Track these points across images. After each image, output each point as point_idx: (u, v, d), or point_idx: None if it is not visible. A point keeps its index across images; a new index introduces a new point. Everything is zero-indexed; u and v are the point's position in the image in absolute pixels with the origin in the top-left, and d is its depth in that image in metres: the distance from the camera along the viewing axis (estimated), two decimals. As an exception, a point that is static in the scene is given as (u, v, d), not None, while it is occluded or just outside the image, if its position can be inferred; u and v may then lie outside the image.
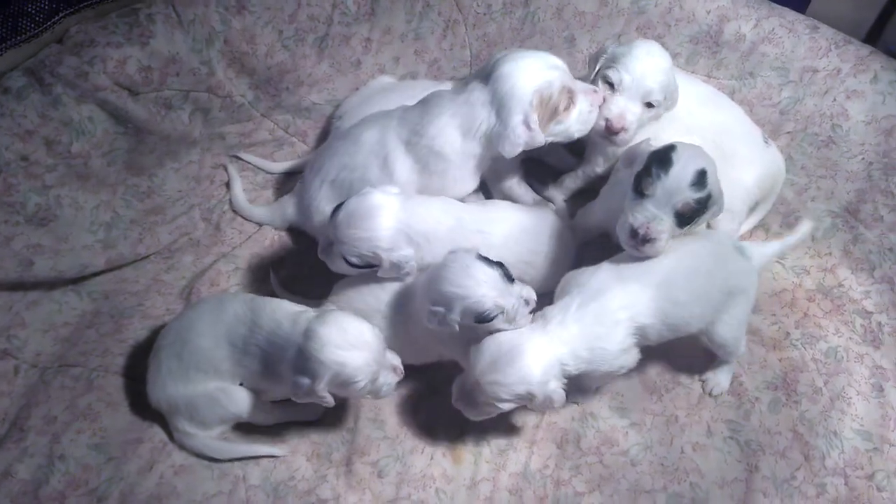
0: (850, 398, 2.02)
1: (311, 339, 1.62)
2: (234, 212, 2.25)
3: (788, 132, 2.21)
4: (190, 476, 1.81)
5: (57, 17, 1.91)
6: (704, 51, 2.22)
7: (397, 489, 1.84)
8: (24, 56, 1.91)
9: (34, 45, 1.92)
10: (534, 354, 1.67)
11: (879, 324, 2.13)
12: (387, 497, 1.83)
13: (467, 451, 1.92)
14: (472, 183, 2.00)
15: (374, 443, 1.90)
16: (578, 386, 1.87)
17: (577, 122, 1.93)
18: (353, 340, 1.63)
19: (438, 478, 1.86)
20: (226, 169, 2.27)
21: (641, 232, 1.68)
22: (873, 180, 2.14)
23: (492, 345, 1.70)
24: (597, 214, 2.04)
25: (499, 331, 1.74)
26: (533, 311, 1.75)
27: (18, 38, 1.86)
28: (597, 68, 1.98)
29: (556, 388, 1.68)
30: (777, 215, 2.29)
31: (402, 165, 1.96)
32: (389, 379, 1.72)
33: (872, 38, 2.16)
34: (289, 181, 2.33)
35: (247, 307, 1.78)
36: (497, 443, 1.93)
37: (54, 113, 1.88)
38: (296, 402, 1.81)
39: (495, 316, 1.70)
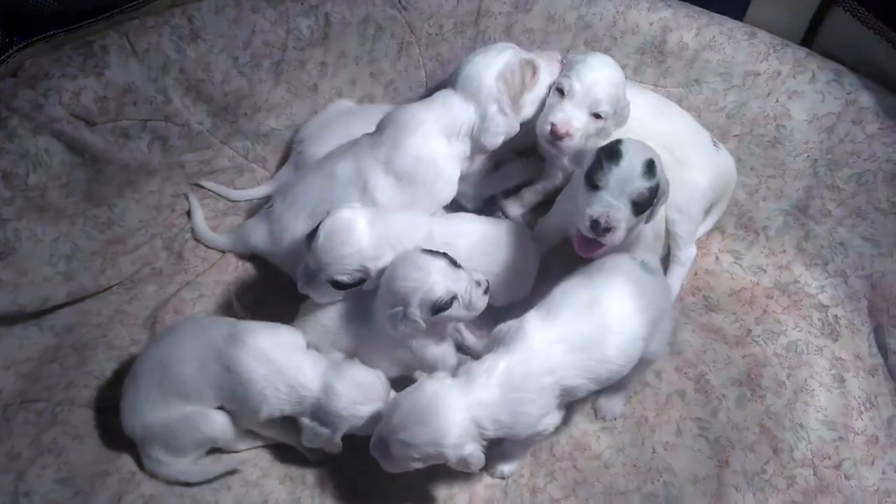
0: (813, 390, 2.07)
1: (334, 396, 1.71)
2: (196, 240, 2.25)
3: (736, 135, 2.28)
4: None
5: (10, 51, 1.90)
6: (650, 61, 2.29)
7: (373, 506, 1.83)
8: (-23, 90, 1.89)
9: (-11, 78, 1.91)
10: (449, 415, 1.61)
11: (836, 317, 2.20)
12: (363, 514, 1.82)
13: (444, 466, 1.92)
14: (455, 187, 2.05)
15: (347, 461, 1.88)
16: (502, 454, 1.86)
17: (546, 82, 2.04)
18: (368, 394, 1.74)
19: (415, 494, 1.86)
20: (187, 198, 2.27)
21: (602, 221, 1.71)
22: (819, 176, 2.21)
23: (407, 400, 1.65)
24: (556, 222, 2.08)
25: (459, 319, 1.80)
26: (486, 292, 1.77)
27: (-29, 72, 1.85)
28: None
29: (472, 450, 1.63)
30: (731, 217, 2.35)
31: (384, 187, 1.98)
32: None
33: (807, 42, 2.25)
34: (251, 207, 2.34)
35: (248, 338, 1.75)
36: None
37: (10, 146, 1.86)
38: (278, 431, 1.86)
39: (451, 302, 1.73)
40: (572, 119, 1.96)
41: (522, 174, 2.30)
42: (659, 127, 2.15)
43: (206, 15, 2.14)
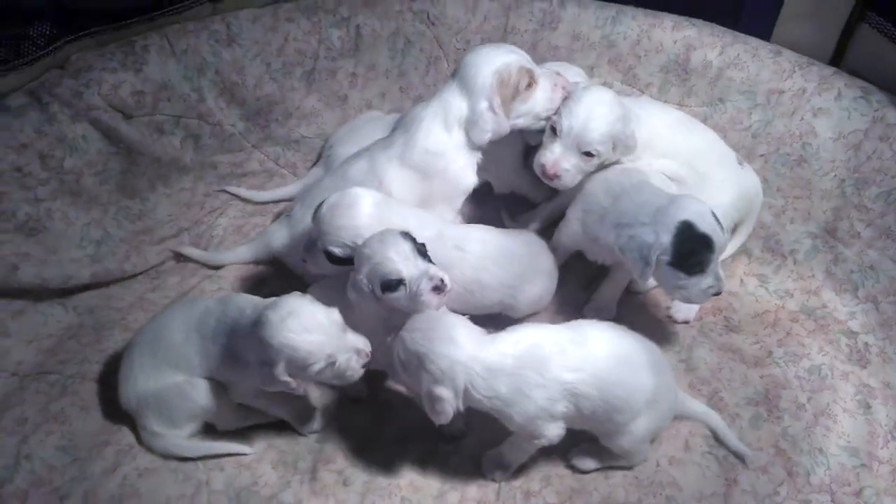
0: (836, 415, 1.95)
1: (264, 325, 1.63)
2: (215, 267, 2.28)
3: (762, 154, 2.25)
4: (153, 479, 1.80)
5: (57, 43, 2.07)
6: (675, 79, 2.30)
7: (362, 498, 1.80)
8: (27, 79, 2.06)
9: (37, 68, 2.08)
10: (449, 347, 1.60)
11: (866, 344, 2.09)
12: (351, 504, 1.80)
13: (437, 462, 1.89)
14: (472, 176, 2.05)
15: (342, 452, 1.88)
16: (499, 462, 1.83)
17: (541, 100, 2.01)
18: (305, 323, 1.63)
19: (405, 487, 1.82)
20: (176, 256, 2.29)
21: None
22: (847, 196, 2.14)
23: (434, 315, 1.68)
24: (569, 233, 2.07)
25: (403, 309, 1.71)
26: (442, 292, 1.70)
27: (20, 60, 2.02)
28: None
29: (446, 397, 1.60)
30: (758, 240, 2.29)
31: (400, 180, 2.02)
32: (353, 362, 1.70)
33: (835, 62, 2.22)
34: (279, 210, 2.41)
35: (216, 302, 1.83)
36: (467, 453, 1.89)
37: (49, 129, 2.01)
38: (265, 402, 1.86)
39: (398, 283, 1.69)
40: (560, 161, 1.97)
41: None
42: (681, 142, 2.15)
43: (244, 22, 2.29)
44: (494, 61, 1.98)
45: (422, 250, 1.75)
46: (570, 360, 1.67)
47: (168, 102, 2.20)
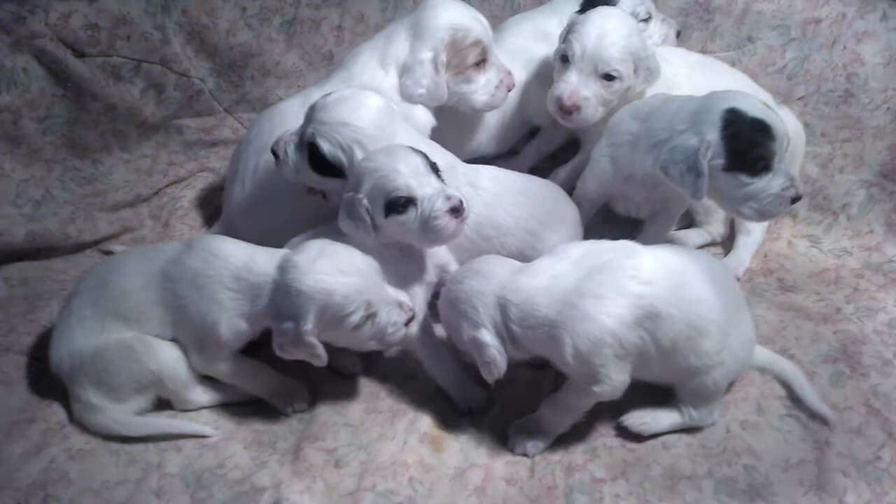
0: (930, 369, 1.62)
1: (290, 269, 1.36)
2: None
3: (800, 98, 2.01)
4: (88, 461, 1.42)
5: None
6: (696, 22, 2.09)
7: (359, 480, 1.41)
8: (-41, 3, 1.78)
9: (-27, -7, 1.80)
10: (481, 283, 1.40)
11: (948, 293, 1.79)
12: (345, 489, 1.40)
13: (452, 438, 1.51)
14: (424, 116, 1.79)
15: (332, 429, 1.51)
16: (532, 430, 1.48)
17: (483, 89, 1.81)
18: (339, 265, 1.36)
19: (413, 465, 1.44)
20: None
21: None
22: (905, 130, 1.89)
23: (475, 259, 1.49)
24: (597, 176, 1.78)
25: (413, 239, 1.45)
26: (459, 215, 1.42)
27: (-47, -23, 1.74)
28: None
29: (488, 341, 1.37)
30: (803, 197, 2.00)
31: None
32: (395, 316, 1.40)
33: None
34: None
35: (196, 241, 1.49)
36: (490, 425, 1.52)
37: (-17, 56, 1.71)
38: (240, 374, 1.51)
39: (407, 203, 1.39)
40: (580, 89, 1.73)
41: (561, 138, 2.07)
42: (709, 83, 1.88)
43: (217, -40, 2.04)
44: (456, 15, 1.76)
45: (435, 168, 1.45)
46: (638, 270, 1.36)
47: (126, 42, 1.92)
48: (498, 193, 1.67)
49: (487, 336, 1.38)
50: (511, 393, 1.58)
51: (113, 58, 1.91)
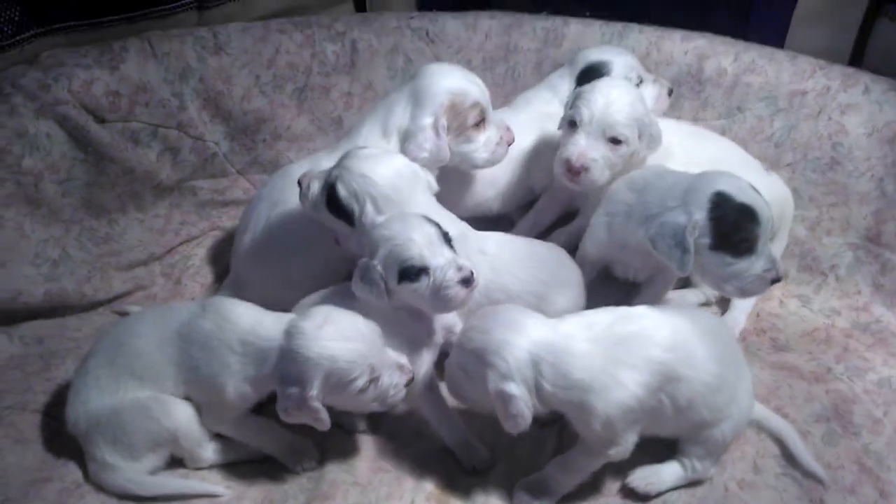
0: (920, 428, 1.68)
1: (296, 336, 1.40)
2: None
3: (788, 164, 2.10)
4: None
5: (26, 34, 1.89)
6: (688, 92, 2.19)
7: (367, 539, 1.45)
8: (-10, 72, 1.86)
9: (2, 61, 1.88)
10: (513, 336, 1.39)
11: (934, 355, 1.85)
12: (353, 548, 1.43)
13: (456, 498, 1.54)
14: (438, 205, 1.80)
15: (341, 489, 1.55)
16: (540, 489, 1.51)
17: (484, 147, 1.87)
18: (344, 332, 1.40)
19: (420, 525, 1.47)
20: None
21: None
22: (888, 196, 1.97)
23: (491, 309, 1.48)
24: (595, 242, 1.84)
25: (425, 306, 1.49)
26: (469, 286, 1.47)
27: (-16, 47, 1.82)
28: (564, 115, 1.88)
29: (517, 394, 1.36)
30: (792, 258, 2.09)
31: None
32: (396, 379, 1.44)
33: (855, 64, 2.13)
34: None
35: (209, 304, 1.54)
36: (494, 485, 1.56)
37: (8, 121, 1.78)
38: (251, 433, 1.56)
39: (419, 272, 1.44)
40: (588, 150, 1.78)
41: (556, 212, 2.12)
42: (702, 150, 1.99)
43: (233, 32, 2.15)
44: (453, 81, 1.84)
45: (448, 238, 1.51)
46: (660, 337, 1.42)
47: (146, 108, 2.00)
48: (506, 259, 1.73)
49: (516, 389, 1.37)
50: (515, 452, 1.62)
51: (132, 123, 1.98)
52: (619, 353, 1.40)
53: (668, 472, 1.54)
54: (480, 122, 1.86)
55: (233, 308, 1.50)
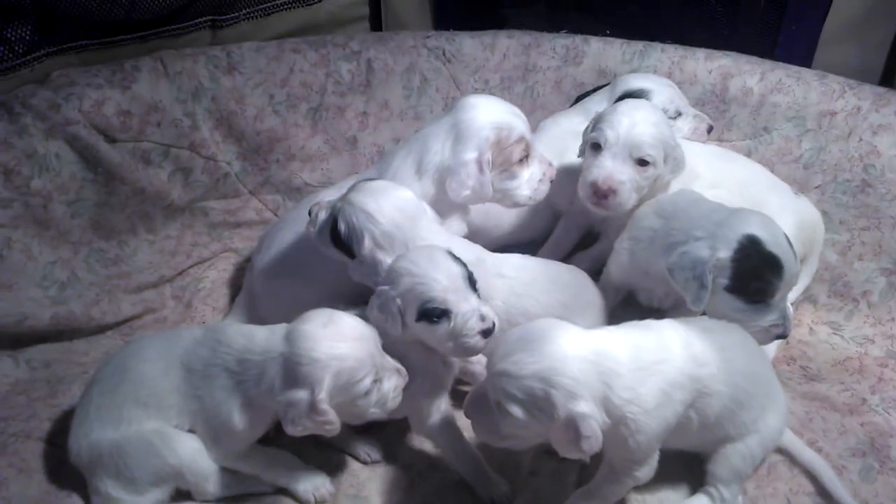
0: (961, 464, 1.59)
1: (299, 340, 1.35)
2: None
3: (817, 186, 2.04)
4: None
5: (37, 53, 1.87)
6: (712, 112, 2.13)
7: (381, 577, 1.38)
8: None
9: (13, 81, 1.86)
10: (568, 345, 1.26)
11: (973, 385, 1.77)
12: (367, 586, 1.37)
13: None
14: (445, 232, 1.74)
15: (354, 511, 1.48)
16: None
17: (527, 184, 1.78)
18: (346, 332, 1.36)
19: (437, 563, 1.41)
20: None
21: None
22: (924, 219, 1.90)
23: (517, 331, 1.34)
24: (617, 266, 1.79)
25: (442, 348, 1.44)
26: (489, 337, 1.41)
27: (-5, 65, 1.80)
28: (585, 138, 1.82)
29: (590, 412, 1.22)
30: (822, 283, 2.02)
31: None
32: (395, 382, 1.40)
33: (886, 85, 2.07)
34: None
35: (207, 330, 1.49)
36: (513, 520, 1.49)
37: (17, 142, 1.75)
38: (260, 464, 1.49)
39: (441, 315, 1.39)
40: (614, 173, 1.70)
41: (576, 236, 2.06)
42: (729, 171, 1.93)
43: (246, 51, 2.12)
44: (497, 114, 1.74)
45: (473, 281, 1.45)
46: (697, 353, 1.37)
47: (157, 127, 1.96)
48: (525, 282, 1.68)
49: (589, 406, 1.24)
50: (534, 485, 1.55)
51: (143, 143, 1.95)
52: (670, 372, 1.33)
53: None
54: (524, 158, 1.76)
55: (225, 330, 1.46)
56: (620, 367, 1.29)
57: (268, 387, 1.36)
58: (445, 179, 1.70)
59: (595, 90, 2.13)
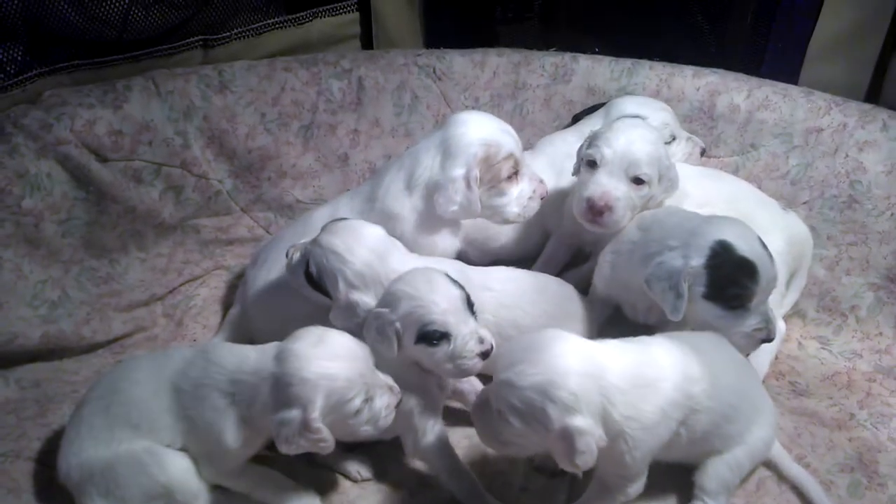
0: (950, 478, 1.61)
1: (289, 359, 1.35)
2: None
3: (805, 202, 2.06)
4: None
5: (29, 73, 1.89)
6: (700, 128, 2.15)
7: None
8: (-9, 112, 1.85)
9: (4, 101, 1.87)
10: (568, 358, 1.28)
11: (961, 400, 1.78)
12: None
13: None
14: (441, 245, 1.79)
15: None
16: None
17: (516, 202, 1.78)
18: (337, 351, 1.37)
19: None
20: None
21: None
22: (910, 234, 1.92)
23: (522, 340, 1.37)
24: (601, 279, 1.80)
25: (438, 370, 1.47)
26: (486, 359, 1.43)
27: (-13, 86, 1.82)
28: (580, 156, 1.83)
29: (586, 427, 1.24)
30: (811, 298, 2.04)
31: None
32: (387, 399, 1.40)
33: (871, 101, 2.10)
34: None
35: (197, 351, 1.50)
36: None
37: (9, 162, 1.76)
38: (251, 483, 1.49)
39: (440, 337, 1.41)
40: (610, 189, 1.71)
41: (567, 254, 2.08)
42: (717, 189, 1.95)
43: (238, 70, 2.15)
44: (487, 130, 1.75)
45: (471, 304, 1.47)
46: (689, 370, 1.39)
47: (149, 146, 1.98)
48: (515, 294, 1.71)
49: (586, 422, 1.26)
50: (524, 502, 1.56)
51: (134, 162, 1.96)
52: (667, 391, 1.35)
53: None
54: (513, 175, 1.77)
55: (216, 350, 1.47)
56: (623, 384, 1.30)
57: (261, 407, 1.37)
58: (433, 192, 1.71)
59: (592, 109, 2.16)
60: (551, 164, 2.02)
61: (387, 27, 2.46)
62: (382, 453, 1.64)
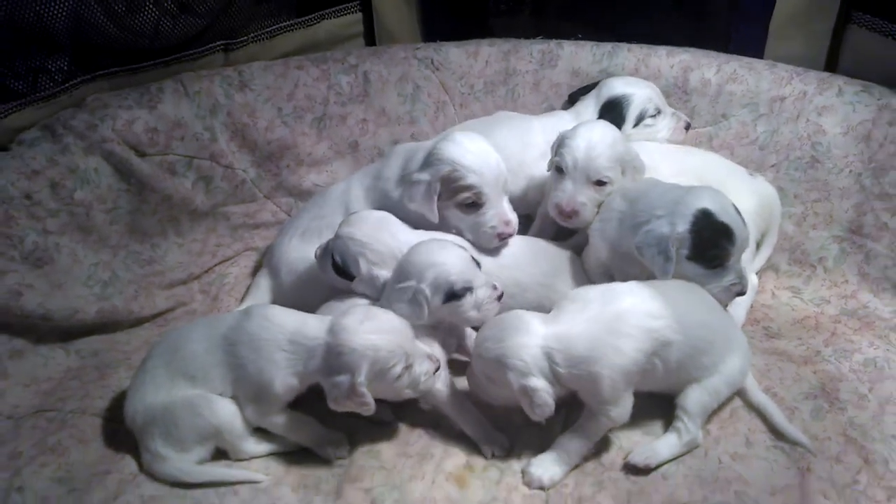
0: (903, 402, 1.81)
1: (341, 332, 1.61)
2: None
3: (773, 165, 2.25)
4: None
5: (74, 80, 2.12)
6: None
7: (395, 515, 1.61)
8: (42, 117, 2.08)
9: (53, 106, 2.10)
10: (523, 338, 1.62)
11: (919, 336, 1.98)
12: (383, 523, 1.60)
13: (474, 476, 1.70)
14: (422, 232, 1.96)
15: (369, 472, 1.71)
16: (548, 464, 1.67)
17: (471, 229, 1.93)
18: (381, 326, 1.63)
19: (441, 501, 1.63)
20: None
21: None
22: (866, 189, 2.12)
23: (497, 318, 1.70)
24: (593, 251, 1.99)
25: (463, 320, 1.75)
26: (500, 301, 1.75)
27: (37, 94, 2.06)
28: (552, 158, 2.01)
29: (538, 386, 1.58)
30: (783, 252, 2.24)
31: (360, 208, 2.02)
32: (426, 366, 1.67)
33: (830, 70, 2.29)
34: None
35: (251, 310, 1.75)
36: (508, 464, 1.71)
37: (62, 159, 2.01)
38: (288, 426, 1.73)
39: (464, 292, 1.70)
40: (576, 196, 1.93)
41: (552, 230, 2.23)
42: (687, 161, 2.16)
43: (256, 70, 2.38)
44: (463, 154, 1.89)
45: (476, 261, 1.78)
46: (650, 308, 1.64)
47: (181, 141, 2.23)
48: (516, 255, 1.98)
49: (537, 381, 1.59)
50: (526, 435, 1.77)
51: (169, 156, 2.21)
52: (616, 325, 1.62)
53: (663, 445, 1.70)
54: (473, 205, 1.92)
55: (277, 312, 1.72)
56: (562, 342, 1.60)
57: (314, 367, 1.62)
58: (408, 187, 1.94)
59: (587, 88, 2.35)
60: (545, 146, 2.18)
61: (387, 24, 2.67)
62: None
